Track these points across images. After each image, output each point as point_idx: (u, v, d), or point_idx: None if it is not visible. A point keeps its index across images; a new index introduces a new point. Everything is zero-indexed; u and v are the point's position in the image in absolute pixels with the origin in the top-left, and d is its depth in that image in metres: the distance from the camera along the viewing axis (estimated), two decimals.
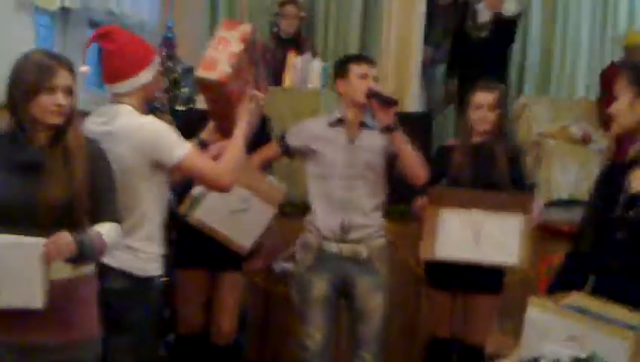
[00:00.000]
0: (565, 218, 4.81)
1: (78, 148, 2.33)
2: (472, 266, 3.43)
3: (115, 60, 2.64)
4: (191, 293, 3.61)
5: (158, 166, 2.63)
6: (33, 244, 2.18)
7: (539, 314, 2.32)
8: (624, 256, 2.37)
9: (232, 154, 2.73)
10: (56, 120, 2.29)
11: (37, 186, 2.26)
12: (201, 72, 2.70)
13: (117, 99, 2.69)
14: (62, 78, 2.29)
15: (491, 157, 3.56)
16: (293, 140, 3.54)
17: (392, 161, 3.46)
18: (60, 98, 2.28)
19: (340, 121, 3.48)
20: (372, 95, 3.34)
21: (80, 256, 2.25)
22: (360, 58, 3.60)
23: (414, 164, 3.39)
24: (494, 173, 3.53)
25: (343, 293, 3.49)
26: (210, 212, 3.29)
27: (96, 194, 2.37)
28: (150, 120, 2.65)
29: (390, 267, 3.56)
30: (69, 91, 2.31)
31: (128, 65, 2.64)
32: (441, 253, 3.44)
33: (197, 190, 3.30)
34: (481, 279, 3.52)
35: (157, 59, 2.78)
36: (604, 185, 2.53)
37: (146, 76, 2.68)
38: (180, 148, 2.62)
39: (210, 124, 3.04)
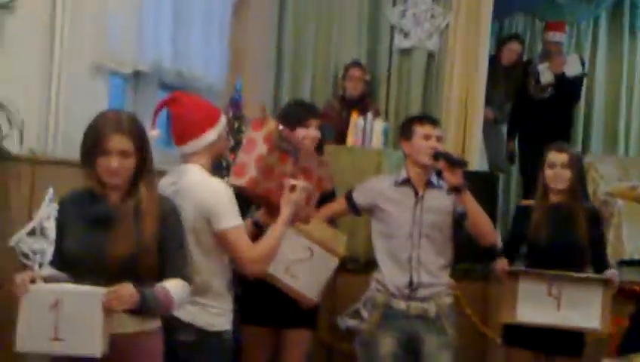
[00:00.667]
0: (637, 278, 4.67)
1: (150, 205, 2.40)
2: (553, 329, 3.42)
3: (182, 123, 2.73)
4: (256, 351, 3.58)
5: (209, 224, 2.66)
6: (94, 293, 2.24)
7: None
8: None
9: (268, 244, 2.72)
10: (113, 180, 2.38)
11: (106, 240, 2.34)
12: (232, 179, 2.78)
13: (186, 159, 2.76)
14: (115, 142, 2.36)
15: (570, 217, 3.55)
16: (360, 198, 3.56)
17: (458, 221, 3.44)
18: (113, 161, 2.36)
19: (406, 181, 3.48)
20: (440, 156, 3.34)
21: (142, 308, 2.30)
22: (423, 118, 3.60)
23: (484, 224, 3.38)
24: (573, 234, 3.52)
25: (411, 352, 3.43)
26: (274, 261, 3.26)
27: (166, 251, 2.42)
28: (215, 181, 2.70)
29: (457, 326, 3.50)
30: (124, 154, 2.38)
31: (194, 126, 2.72)
32: (523, 317, 3.44)
33: None
34: (563, 342, 3.47)
35: (223, 119, 2.83)
36: None
37: (212, 136, 2.74)
38: (230, 219, 2.64)
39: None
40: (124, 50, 4.56)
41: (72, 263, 2.39)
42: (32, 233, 3.68)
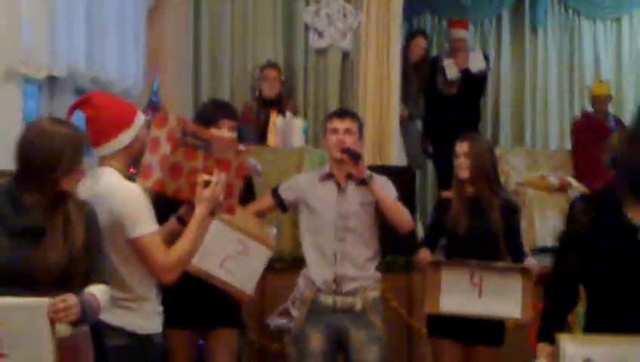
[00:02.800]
0: (549, 264, 4.76)
1: (78, 215, 2.35)
2: (473, 319, 3.43)
3: (96, 124, 2.59)
4: (181, 353, 3.45)
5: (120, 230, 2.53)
6: (39, 305, 2.14)
7: (575, 346, 2.30)
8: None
9: (183, 248, 2.58)
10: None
11: (36, 251, 2.25)
12: (139, 182, 2.62)
13: (102, 162, 2.63)
14: None
15: (485, 208, 3.56)
16: (286, 193, 3.51)
17: (377, 211, 3.43)
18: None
19: (329, 176, 3.46)
20: (343, 151, 3.33)
21: (83, 318, 2.23)
22: (332, 114, 3.62)
23: (397, 213, 3.38)
24: (489, 224, 3.54)
25: (340, 347, 3.40)
26: (206, 257, 3.14)
27: (89, 257, 2.35)
28: (128, 186, 2.56)
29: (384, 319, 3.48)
30: None
31: (109, 127, 2.59)
32: (446, 307, 3.44)
33: None
34: (484, 330, 3.49)
35: (139, 119, 2.67)
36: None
37: (127, 137, 2.61)
38: (143, 226, 2.52)
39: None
40: (37, 55, 4.37)
41: None
42: None
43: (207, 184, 2.61)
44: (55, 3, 4.53)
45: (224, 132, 3.25)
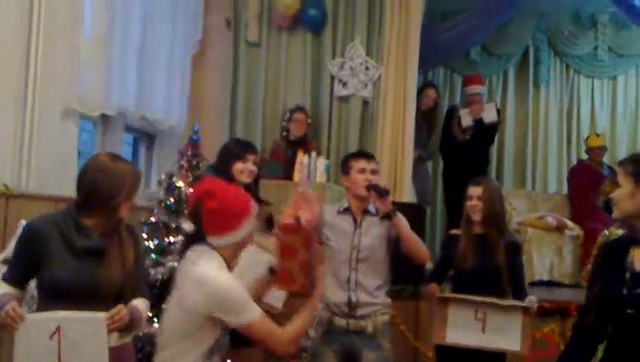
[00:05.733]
0: (546, 297, 4.70)
1: (129, 237, 2.50)
2: (477, 350, 3.38)
3: (215, 217, 2.36)
4: None
5: (216, 320, 2.32)
6: (98, 318, 2.24)
7: None
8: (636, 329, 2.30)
9: (298, 325, 2.41)
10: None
11: (99, 269, 2.37)
12: (280, 286, 2.44)
13: (212, 245, 2.41)
14: None
15: (491, 247, 3.51)
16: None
17: (393, 245, 3.40)
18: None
19: (347, 210, 3.45)
20: (370, 188, 3.32)
21: (130, 327, 2.36)
22: (359, 155, 3.59)
23: (416, 245, 3.34)
24: (493, 262, 3.48)
25: None
26: (240, 279, 3.01)
27: (136, 275, 2.49)
28: (223, 278, 2.32)
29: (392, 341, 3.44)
30: None
31: (227, 223, 2.38)
32: (451, 339, 3.39)
33: None
34: (485, 360, 3.42)
35: (253, 214, 2.46)
36: (605, 265, 2.46)
37: (242, 233, 2.41)
38: (250, 312, 2.30)
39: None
40: (92, 95, 4.46)
41: (63, 290, 2.33)
42: (4, 262, 3.50)
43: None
44: (110, 49, 4.65)
45: (248, 165, 3.29)
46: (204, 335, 2.32)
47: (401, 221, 3.32)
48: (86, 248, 2.36)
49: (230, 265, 2.42)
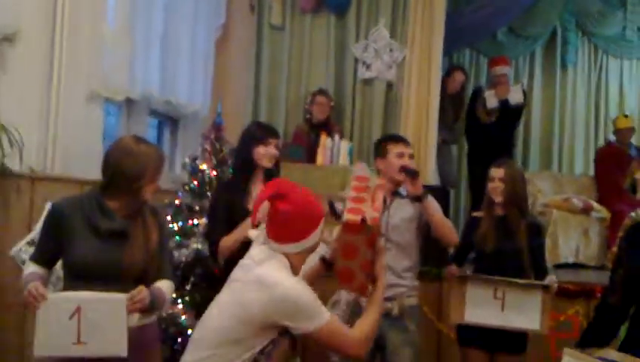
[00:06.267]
0: (571, 279, 4.65)
1: (153, 220, 2.50)
2: (499, 331, 3.35)
3: (287, 222, 2.16)
4: None
5: (278, 326, 2.13)
6: (118, 299, 2.25)
7: None
8: None
9: (368, 324, 2.22)
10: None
11: (122, 251, 2.38)
12: (341, 285, 2.34)
13: (279, 250, 2.21)
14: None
15: (512, 228, 3.47)
16: (339, 206, 3.46)
17: (423, 228, 3.36)
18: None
19: None
20: (401, 169, 3.28)
21: (151, 308, 2.38)
22: (398, 138, 3.52)
23: (445, 228, 3.29)
24: (515, 243, 3.44)
25: (377, 347, 3.33)
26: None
27: (159, 256, 2.49)
28: (293, 283, 2.11)
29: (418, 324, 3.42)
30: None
31: (299, 230, 2.18)
32: (470, 318, 3.37)
33: None
34: (506, 340, 3.41)
35: (323, 220, 2.25)
36: (632, 246, 2.41)
37: (313, 239, 2.21)
38: (319, 317, 2.10)
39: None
40: (117, 80, 4.48)
41: (85, 270, 2.36)
42: (31, 243, 3.56)
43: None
44: (134, 34, 4.67)
45: (270, 149, 3.28)
46: (254, 343, 2.10)
47: (432, 203, 3.27)
48: (109, 230, 2.38)
49: (297, 271, 2.21)
